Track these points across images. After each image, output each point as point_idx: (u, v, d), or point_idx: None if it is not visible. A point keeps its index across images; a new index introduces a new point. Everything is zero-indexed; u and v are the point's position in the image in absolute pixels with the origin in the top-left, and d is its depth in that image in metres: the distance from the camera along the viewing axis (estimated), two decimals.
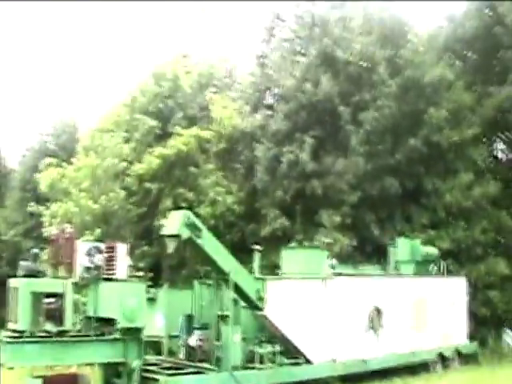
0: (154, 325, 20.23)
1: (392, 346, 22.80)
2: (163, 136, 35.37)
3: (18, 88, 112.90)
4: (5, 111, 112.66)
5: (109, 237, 26.19)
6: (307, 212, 31.38)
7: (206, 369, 18.36)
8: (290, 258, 22.81)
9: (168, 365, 19.13)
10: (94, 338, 16.78)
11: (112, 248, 17.20)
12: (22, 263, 16.51)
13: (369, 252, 30.99)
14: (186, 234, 17.27)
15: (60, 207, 30.89)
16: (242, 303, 19.05)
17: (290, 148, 31.24)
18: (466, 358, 26.81)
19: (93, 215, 30.46)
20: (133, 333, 16.90)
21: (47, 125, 61.90)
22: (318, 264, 21.82)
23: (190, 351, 19.34)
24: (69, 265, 16.62)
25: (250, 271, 20.09)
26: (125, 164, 33.01)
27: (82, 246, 17.34)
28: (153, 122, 35.31)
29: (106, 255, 17.23)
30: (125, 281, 17.13)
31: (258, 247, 21.57)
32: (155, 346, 20.28)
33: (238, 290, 18.54)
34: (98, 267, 17.32)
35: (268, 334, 19.99)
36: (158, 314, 20.57)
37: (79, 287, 17.24)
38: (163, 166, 32.71)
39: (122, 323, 16.59)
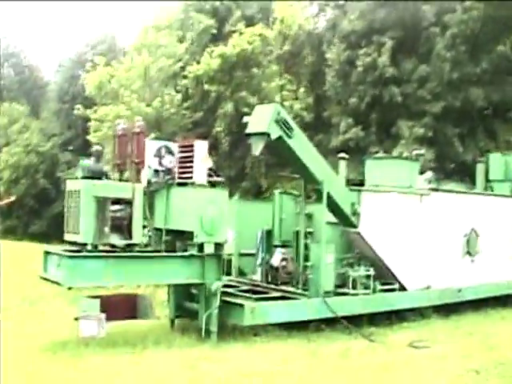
0: None
1: (488, 274, 19.97)
2: (219, 37, 32.23)
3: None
4: (40, 22, 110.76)
5: None
6: (383, 122, 28.37)
7: (292, 293, 15.73)
8: (375, 169, 19.66)
9: (246, 287, 16.52)
10: (167, 254, 14.05)
11: (189, 147, 14.19)
12: (82, 162, 13.48)
13: (448, 169, 28.04)
14: (275, 132, 14.31)
15: (110, 110, 27.90)
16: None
17: (366, 50, 27.93)
18: None
19: (145, 120, 27.50)
20: (215, 249, 14.18)
21: (84, 35, 60.30)
22: (409, 177, 18.83)
23: (271, 272, 16.62)
24: (138, 165, 13.65)
25: None
26: (180, 64, 29.99)
27: (151, 144, 14.40)
28: (209, 21, 32.06)
29: (181, 155, 14.29)
30: (204, 186, 14.13)
31: (344, 155, 18.59)
32: None
33: (329, 202, 15.74)
34: (168, 170, 14.51)
35: (357, 255, 17.29)
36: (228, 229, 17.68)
37: (146, 193, 14.29)
38: (223, 67, 29.55)
39: (200, 237, 13.75)
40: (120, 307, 14.49)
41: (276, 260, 16.43)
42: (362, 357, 13.22)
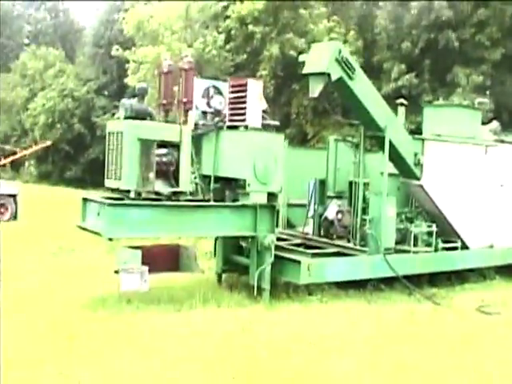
0: None
1: None
2: None
3: None
4: None
5: None
6: (437, 69, 26.75)
7: (349, 249, 14.47)
8: (434, 117, 18.09)
9: (298, 241, 15.28)
10: (216, 204, 12.78)
11: (242, 86, 12.79)
12: (124, 101, 12.07)
13: (505, 120, 26.40)
14: (336, 72, 12.89)
15: (150, 51, 26.58)
16: None
17: None
18: None
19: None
20: (268, 199, 12.87)
21: None
22: (471, 127, 17.33)
23: (325, 225, 15.37)
24: (186, 106, 12.35)
25: None
26: (222, 4, 28.50)
27: (198, 83, 13.06)
28: None
29: (232, 95, 12.93)
30: (258, 130, 12.75)
31: (402, 101, 17.13)
32: None
33: (391, 151, 14.37)
34: (217, 112, 13.21)
35: (416, 209, 16.20)
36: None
37: (193, 137, 12.90)
38: (269, 8, 27.99)
39: (253, 185, 12.46)
40: (162, 259, 13.18)
41: (331, 212, 15.14)
42: (430, 323, 11.99)
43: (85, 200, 12.36)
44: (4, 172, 49.60)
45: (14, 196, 25.49)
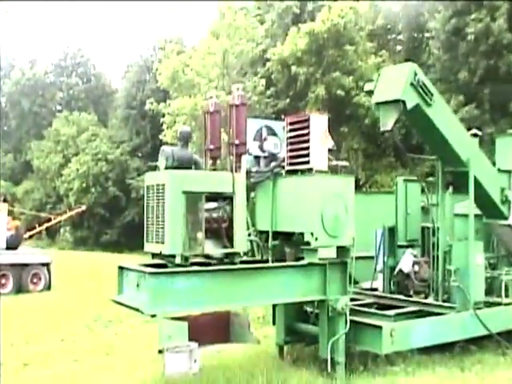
0: None
1: None
2: (302, 18, 29.10)
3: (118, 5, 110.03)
4: (105, 29, 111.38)
5: None
6: (499, 98, 24.69)
7: (431, 306, 12.36)
8: (509, 147, 16.16)
9: (370, 300, 13.23)
10: (278, 264, 10.66)
11: (303, 122, 10.79)
12: (165, 149, 10.12)
13: None
14: (412, 98, 10.98)
15: (185, 102, 25.03)
16: None
17: (477, 16, 24.27)
18: None
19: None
20: (337, 254, 10.83)
21: (150, 39, 60.21)
22: None
23: (399, 280, 13.30)
24: (239, 149, 10.36)
25: None
26: (262, 47, 27.00)
27: (249, 124, 11.00)
28: (290, 2, 28.98)
29: (292, 134, 10.94)
30: (325, 173, 10.74)
31: (476, 131, 15.02)
32: None
33: (474, 188, 12.36)
34: (272, 156, 11.18)
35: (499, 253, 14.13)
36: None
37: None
38: (312, 47, 26.28)
39: (321, 239, 10.33)
40: (211, 329, 11.19)
41: (406, 264, 13.05)
42: None
43: (121, 269, 10.27)
44: (40, 239, 48.86)
45: (47, 265, 24.10)
